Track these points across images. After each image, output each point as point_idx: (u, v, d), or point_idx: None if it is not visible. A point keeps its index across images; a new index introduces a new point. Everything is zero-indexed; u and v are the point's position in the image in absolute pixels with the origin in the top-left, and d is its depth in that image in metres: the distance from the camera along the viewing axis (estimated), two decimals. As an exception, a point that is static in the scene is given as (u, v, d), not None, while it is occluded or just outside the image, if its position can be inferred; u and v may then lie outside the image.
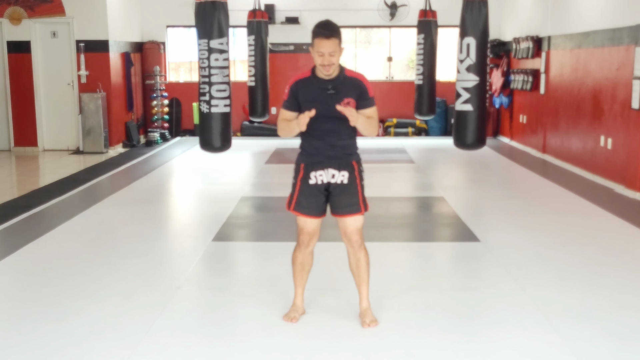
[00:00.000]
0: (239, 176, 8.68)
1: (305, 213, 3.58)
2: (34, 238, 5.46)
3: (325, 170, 3.54)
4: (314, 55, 3.42)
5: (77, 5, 10.51)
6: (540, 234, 5.53)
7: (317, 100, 3.45)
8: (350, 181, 3.55)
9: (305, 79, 3.53)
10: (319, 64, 3.41)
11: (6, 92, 10.73)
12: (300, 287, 3.78)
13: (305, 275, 3.76)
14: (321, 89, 3.47)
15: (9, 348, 3.41)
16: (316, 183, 3.56)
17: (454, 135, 7.90)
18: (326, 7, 12.11)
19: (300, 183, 3.60)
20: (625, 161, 7.30)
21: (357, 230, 3.59)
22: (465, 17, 7.55)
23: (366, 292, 3.70)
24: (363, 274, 3.67)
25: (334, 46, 3.37)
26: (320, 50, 3.38)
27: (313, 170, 3.55)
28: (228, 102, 7.11)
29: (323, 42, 3.36)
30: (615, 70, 7.59)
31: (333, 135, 3.51)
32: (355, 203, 3.55)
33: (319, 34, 3.39)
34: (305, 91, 3.50)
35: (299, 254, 3.72)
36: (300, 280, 3.77)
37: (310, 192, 3.57)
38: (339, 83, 3.47)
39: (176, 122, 12.51)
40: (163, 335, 3.56)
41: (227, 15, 7.02)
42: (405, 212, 6.63)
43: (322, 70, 3.42)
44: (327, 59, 3.38)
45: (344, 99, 3.44)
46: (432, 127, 12.36)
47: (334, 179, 3.54)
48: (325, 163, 3.54)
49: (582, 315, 3.80)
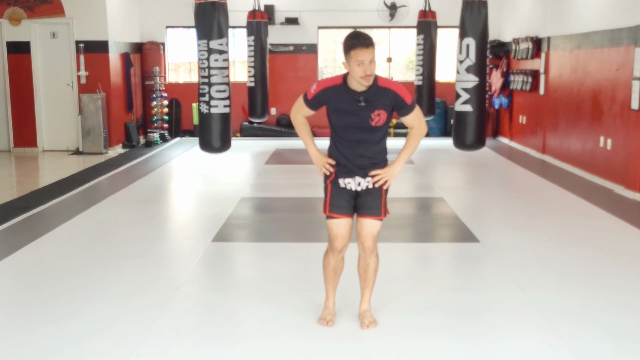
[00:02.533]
0: (239, 177, 8.68)
1: (341, 213, 3.54)
2: (34, 238, 5.45)
3: (353, 178, 3.52)
4: (353, 67, 3.30)
5: (77, 5, 10.51)
6: (540, 235, 5.54)
7: (347, 111, 3.41)
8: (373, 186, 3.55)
9: (337, 88, 3.44)
10: (361, 76, 3.30)
11: (6, 93, 10.73)
12: (333, 291, 3.74)
13: (337, 279, 3.73)
14: (353, 101, 3.39)
15: (9, 348, 3.41)
16: (345, 187, 3.55)
17: (454, 136, 7.91)
18: (326, 7, 12.12)
19: (332, 185, 3.56)
20: (625, 162, 7.30)
21: (371, 235, 3.58)
22: (465, 17, 7.56)
23: (369, 296, 3.71)
24: (369, 279, 3.68)
25: (373, 54, 3.30)
26: (360, 59, 3.27)
27: (341, 178, 3.53)
28: (228, 102, 7.11)
29: (362, 51, 3.27)
30: (614, 71, 7.60)
31: (362, 146, 3.46)
32: (376, 206, 3.55)
33: (356, 44, 3.29)
34: (335, 100, 3.44)
35: (332, 260, 3.66)
36: (333, 284, 3.73)
37: (343, 193, 3.55)
38: (371, 94, 3.38)
39: (176, 122, 12.51)
40: (163, 335, 3.56)
41: (226, 16, 7.03)
42: (404, 212, 6.63)
43: (363, 81, 3.32)
44: (368, 68, 3.28)
45: (375, 110, 3.38)
46: (432, 127, 12.35)
47: (360, 187, 3.53)
48: (354, 172, 3.51)
49: (581, 316, 3.80)
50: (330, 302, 3.74)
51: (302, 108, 3.58)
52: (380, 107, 3.40)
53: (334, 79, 3.47)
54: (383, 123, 3.44)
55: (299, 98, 3.59)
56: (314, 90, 3.49)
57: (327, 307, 3.74)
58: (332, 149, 3.56)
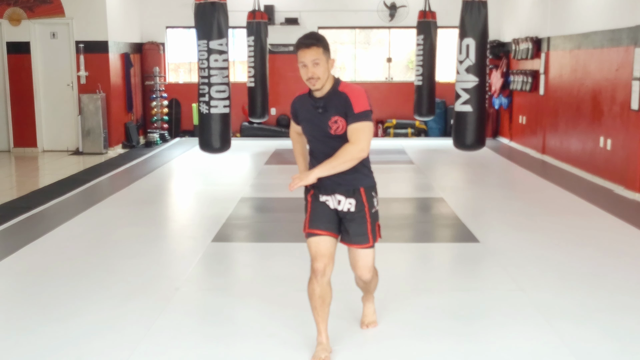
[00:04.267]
0: (239, 177, 8.68)
1: (321, 228, 3.20)
2: (34, 239, 5.46)
3: (332, 195, 3.22)
4: (300, 70, 3.07)
5: (77, 6, 10.51)
6: (540, 235, 5.53)
7: (310, 120, 3.19)
8: (358, 209, 3.22)
9: (303, 97, 3.24)
10: (304, 79, 3.07)
11: (6, 93, 10.73)
12: (323, 324, 3.27)
13: (326, 310, 3.25)
14: (313, 108, 3.16)
15: (9, 348, 3.41)
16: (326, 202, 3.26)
17: (454, 136, 7.91)
18: (326, 7, 12.12)
19: (312, 200, 3.27)
20: (625, 162, 7.30)
21: (367, 267, 3.32)
22: (465, 18, 7.56)
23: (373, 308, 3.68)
24: (370, 294, 3.65)
25: (316, 54, 3.02)
26: (301, 60, 3.04)
27: (320, 194, 3.25)
28: (227, 103, 7.11)
29: (304, 52, 3.02)
30: (614, 71, 7.60)
31: (323, 155, 3.15)
32: (362, 233, 3.23)
33: (299, 45, 3.05)
34: (301, 109, 3.25)
35: (316, 286, 3.19)
36: (323, 316, 3.25)
37: (323, 208, 3.24)
38: (328, 100, 3.11)
39: (176, 122, 12.51)
40: (162, 336, 3.56)
41: (226, 16, 7.03)
42: (404, 213, 6.63)
43: (309, 85, 3.08)
44: (310, 70, 3.03)
45: (331, 117, 3.09)
46: (432, 128, 12.37)
47: (341, 206, 3.22)
48: (331, 188, 3.20)
49: (581, 316, 3.80)
50: (323, 337, 3.28)
51: (292, 124, 3.44)
52: (336, 114, 3.08)
53: (304, 90, 3.26)
54: (344, 131, 3.09)
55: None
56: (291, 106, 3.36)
57: (320, 343, 3.29)
58: (311, 164, 3.29)
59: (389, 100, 12.45)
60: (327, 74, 3.09)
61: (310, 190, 3.29)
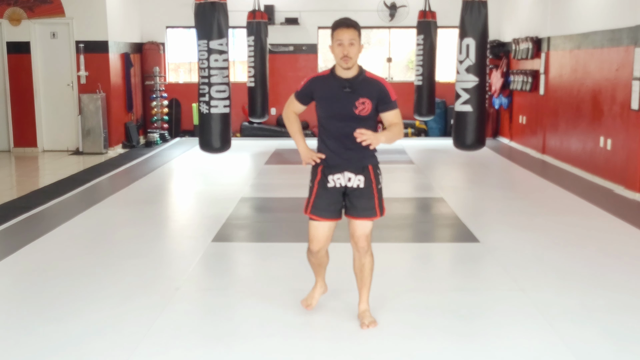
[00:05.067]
0: (239, 177, 8.68)
1: (321, 216, 3.51)
2: (34, 239, 5.46)
3: (343, 173, 3.49)
4: (334, 48, 3.37)
5: (77, 6, 10.51)
6: (540, 235, 5.53)
7: (332, 98, 3.42)
8: (366, 185, 3.51)
9: (324, 77, 3.49)
10: (339, 57, 3.35)
11: (6, 93, 10.73)
12: (320, 276, 3.85)
13: (323, 270, 3.82)
14: (338, 87, 3.41)
15: (9, 348, 3.41)
16: (334, 186, 3.51)
17: (454, 136, 7.91)
18: (326, 7, 12.11)
19: (318, 186, 3.53)
20: (625, 162, 7.30)
21: (364, 235, 3.55)
22: (465, 18, 7.56)
23: (367, 296, 3.70)
24: (366, 279, 3.67)
25: (353, 35, 3.35)
26: (339, 38, 3.34)
27: (330, 174, 3.50)
28: (228, 102, 7.12)
29: (343, 30, 3.35)
30: (614, 71, 7.60)
31: (349, 139, 3.41)
32: (371, 207, 3.52)
33: (339, 24, 3.38)
34: (321, 88, 3.47)
35: (311, 257, 3.71)
36: (319, 272, 3.83)
37: (329, 195, 3.51)
38: (357, 83, 3.41)
39: (176, 122, 12.51)
40: (163, 336, 3.56)
41: (226, 16, 7.03)
42: (404, 212, 6.63)
43: (342, 63, 3.36)
44: (346, 48, 3.33)
45: (359, 98, 3.38)
46: (432, 127, 12.36)
47: (350, 183, 3.50)
48: (343, 166, 3.47)
49: (581, 316, 3.80)
50: (316, 285, 3.85)
51: (292, 103, 3.61)
52: (365, 96, 3.39)
53: (323, 71, 3.53)
54: (368, 113, 3.41)
55: (291, 96, 3.63)
56: (303, 82, 3.55)
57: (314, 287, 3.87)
58: (320, 144, 3.55)
59: (389, 100, 12.43)
60: (357, 56, 3.39)
61: (319, 166, 3.51)
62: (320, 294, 3.88)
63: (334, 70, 3.46)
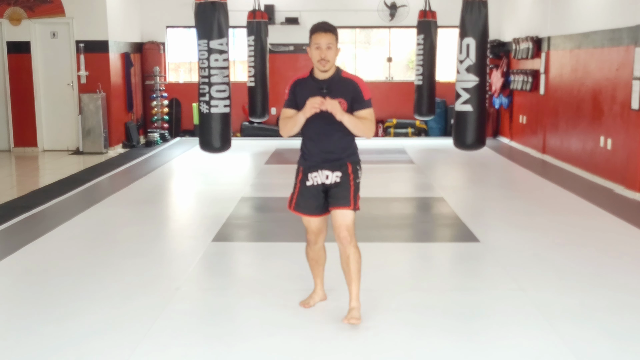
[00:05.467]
0: (239, 177, 8.68)
1: (304, 212, 3.68)
2: (34, 238, 5.46)
3: (320, 171, 3.61)
4: (312, 51, 3.49)
5: (77, 5, 10.51)
6: (540, 235, 5.53)
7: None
8: (343, 179, 3.60)
9: (303, 79, 3.61)
10: (316, 60, 3.48)
11: (6, 93, 10.73)
12: (319, 278, 3.92)
13: (320, 268, 3.89)
14: (316, 89, 3.53)
15: (9, 348, 3.41)
16: (313, 184, 3.63)
17: (454, 136, 7.90)
18: (326, 7, 12.11)
19: (300, 184, 3.68)
20: (625, 162, 7.30)
21: (345, 226, 3.57)
22: (465, 17, 7.55)
23: (356, 291, 3.63)
24: (353, 273, 3.62)
25: (330, 40, 3.47)
26: (317, 42, 3.46)
27: (309, 172, 3.63)
28: (228, 102, 7.11)
29: (321, 35, 3.46)
30: (615, 71, 7.59)
31: (327, 137, 3.56)
32: (345, 197, 3.58)
33: (316, 29, 3.49)
34: (301, 91, 3.57)
35: (310, 251, 3.83)
36: (317, 272, 3.90)
37: (309, 193, 3.65)
38: (333, 83, 3.53)
39: (176, 122, 12.51)
40: (163, 335, 3.56)
41: (226, 16, 7.03)
42: (405, 212, 6.63)
43: (319, 66, 3.48)
44: (323, 52, 3.45)
45: (335, 98, 3.47)
46: (432, 127, 12.36)
47: (328, 180, 3.61)
48: (320, 165, 3.60)
49: (581, 316, 3.80)
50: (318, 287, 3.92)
51: (286, 112, 3.65)
52: (341, 96, 3.49)
53: (302, 74, 3.65)
54: None
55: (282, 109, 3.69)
56: (287, 89, 3.64)
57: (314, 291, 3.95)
58: (302, 144, 3.68)
59: (389, 100, 12.45)
60: (335, 59, 3.52)
61: (300, 168, 3.66)
62: (317, 301, 3.94)
63: (312, 73, 3.58)
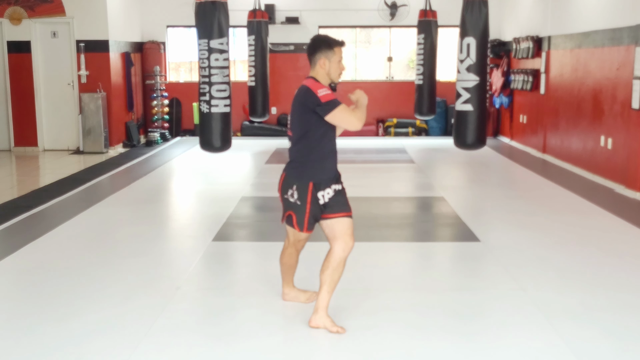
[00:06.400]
0: (239, 176, 8.68)
1: (310, 230, 3.63)
2: (34, 238, 5.46)
3: (331, 186, 3.60)
4: (333, 64, 3.52)
5: (77, 5, 10.51)
6: (541, 234, 5.53)
7: None
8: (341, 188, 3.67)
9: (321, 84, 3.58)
10: (338, 73, 3.55)
11: (6, 92, 10.73)
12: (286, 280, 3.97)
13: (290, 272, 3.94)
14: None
15: (9, 348, 3.41)
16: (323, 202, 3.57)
17: (454, 135, 7.91)
18: (326, 7, 12.11)
19: (310, 205, 3.55)
20: (626, 161, 7.29)
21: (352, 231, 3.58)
22: (466, 17, 7.56)
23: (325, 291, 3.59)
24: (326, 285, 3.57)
25: None
26: (341, 55, 3.56)
27: (321, 190, 3.56)
28: (228, 102, 7.12)
29: (342, 49, 3.56)
30: (615, 70, 7.59)
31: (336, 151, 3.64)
32: (345, 203, 3.63)
33: (339, 43, 3.54)
34: None
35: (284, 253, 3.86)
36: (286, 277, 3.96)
37: (316, 209, 3.57)
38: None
39: (176, 122, 12.51)
40: (163, 335, 3.56)
41: (227, 15, 7.04)
42: (405, 212, 6.63)
43: (337, 77, 3.57)
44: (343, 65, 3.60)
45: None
46: (432, 127, 12.36)
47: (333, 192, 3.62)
48: (333, 180, 3.62)
49: (582, 316, 3.80)
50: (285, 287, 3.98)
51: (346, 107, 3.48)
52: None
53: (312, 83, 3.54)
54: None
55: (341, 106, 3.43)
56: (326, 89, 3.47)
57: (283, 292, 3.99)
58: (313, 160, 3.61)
59: (389, 100, 12.45)
60: None
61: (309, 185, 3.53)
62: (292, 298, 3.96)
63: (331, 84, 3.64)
